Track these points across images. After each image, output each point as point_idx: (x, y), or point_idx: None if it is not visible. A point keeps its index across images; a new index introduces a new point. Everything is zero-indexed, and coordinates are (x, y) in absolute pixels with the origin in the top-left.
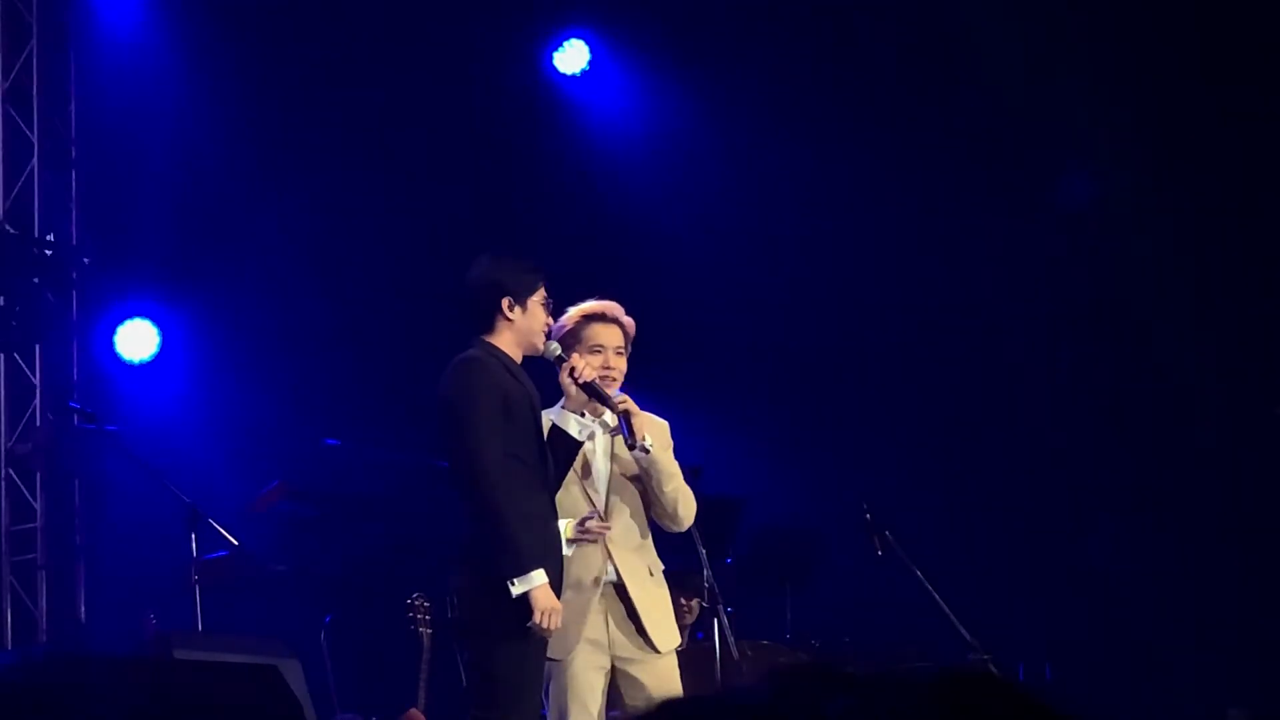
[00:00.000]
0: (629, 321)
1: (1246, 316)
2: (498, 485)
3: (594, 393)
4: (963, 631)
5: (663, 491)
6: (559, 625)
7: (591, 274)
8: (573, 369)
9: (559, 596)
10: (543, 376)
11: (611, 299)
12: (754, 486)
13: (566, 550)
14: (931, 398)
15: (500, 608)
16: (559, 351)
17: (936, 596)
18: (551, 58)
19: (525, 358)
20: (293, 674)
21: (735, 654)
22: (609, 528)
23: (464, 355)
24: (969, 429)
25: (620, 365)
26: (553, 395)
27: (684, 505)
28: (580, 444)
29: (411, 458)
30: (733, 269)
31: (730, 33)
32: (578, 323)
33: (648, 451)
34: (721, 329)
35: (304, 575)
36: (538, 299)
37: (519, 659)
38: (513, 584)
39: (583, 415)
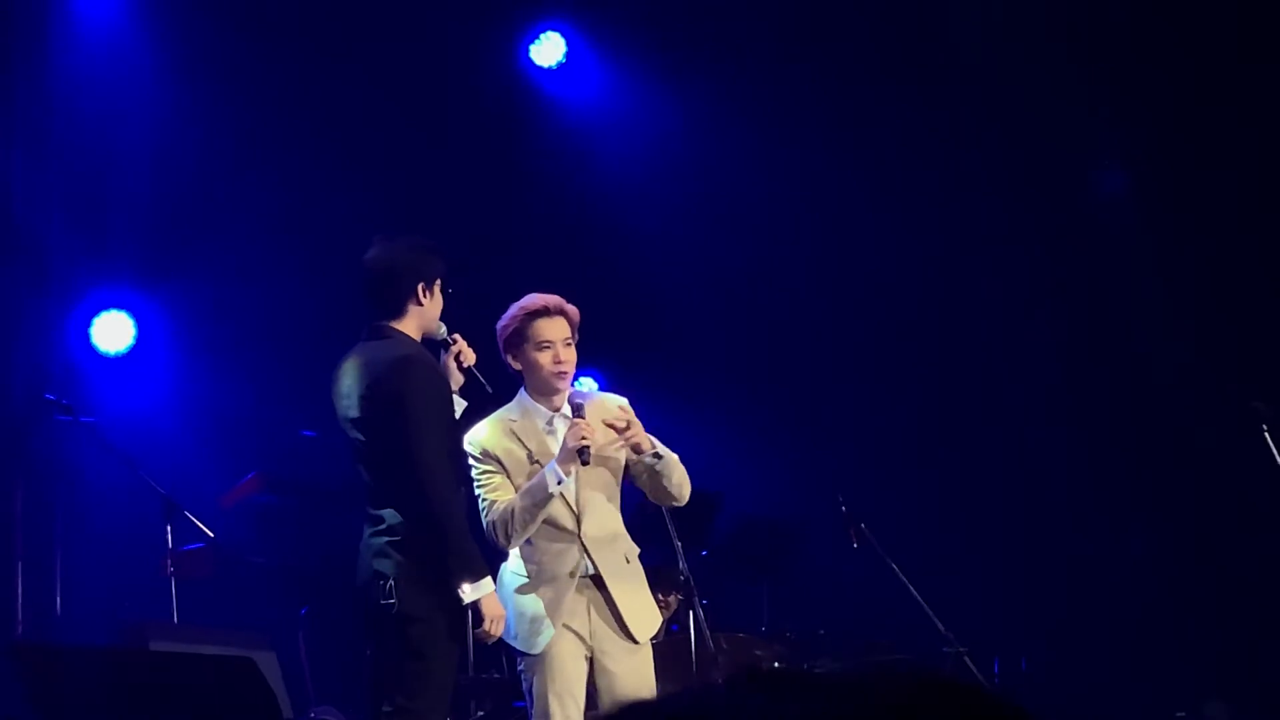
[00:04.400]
0: (573, 310)
1: (1235, 313)
2: (448, 489)
3: (475, 379)
4: (938, 624)
5: (672, 482)
6: (501, 633)
7: (567, 265)
8: (459, 353)
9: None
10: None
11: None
12: (730, 479)
13: (554, 489)
14: (908, 390)
15: (442, 603)
16: (445, 333)
17: (912, 589)
18: (528, 50)
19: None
20: (268, 666)
21: (711, 646)
22: (588, 435)
23: (404, 353)
24: (946, 422)
25: (570, 356)
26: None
27: (686, 484)
28: (458, 423)
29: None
30: (709, 262)
31: (708, 25)
32: (521, 321)
33: (660, 457)
34: (698, 322)
35: (280, 567)
36: (439, 284)
37: (451, 654)
38: (464, 591)
39: (458, 394)
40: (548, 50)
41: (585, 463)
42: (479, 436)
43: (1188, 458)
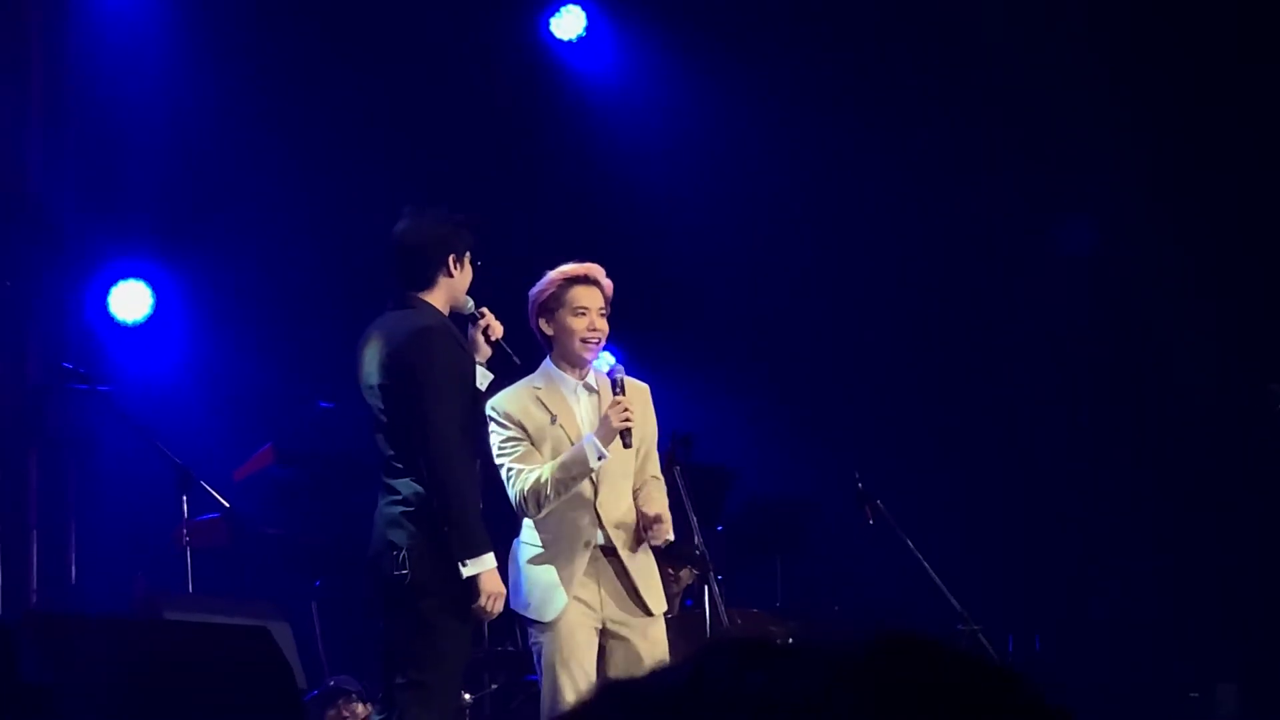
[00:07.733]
0: (609, 284)
1: (1238, 304)
2: (458, 463)
3: (503, 351)
4: (953, 602)
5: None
6: (500, 610)
7: (586, 240)
8: (487, 326)
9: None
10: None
11: (605, 265)
12: (746, 455)
13: (595, 464)
14: (925, 368)
15: (455, 574)
16: (473, 306)
17: (927, 566)
18: (548, 23)
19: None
20: (283, 636)
21: (726, 622)
22: (631, 417)
23: (425, 324)
24: (962, 400)
25: (603, 327)
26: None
27: None
28: (484, 394)
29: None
30: (727, 237)
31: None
32: (560, 286)
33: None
34: (715, 297)
35: (295, 538)
36: (469, 256)
37: (464, 626)
38: (464, 565)
39: (486, 366)
40: (568, 23)
41: (627, 445)
42: (502, 402)
43: (1203, 437)
